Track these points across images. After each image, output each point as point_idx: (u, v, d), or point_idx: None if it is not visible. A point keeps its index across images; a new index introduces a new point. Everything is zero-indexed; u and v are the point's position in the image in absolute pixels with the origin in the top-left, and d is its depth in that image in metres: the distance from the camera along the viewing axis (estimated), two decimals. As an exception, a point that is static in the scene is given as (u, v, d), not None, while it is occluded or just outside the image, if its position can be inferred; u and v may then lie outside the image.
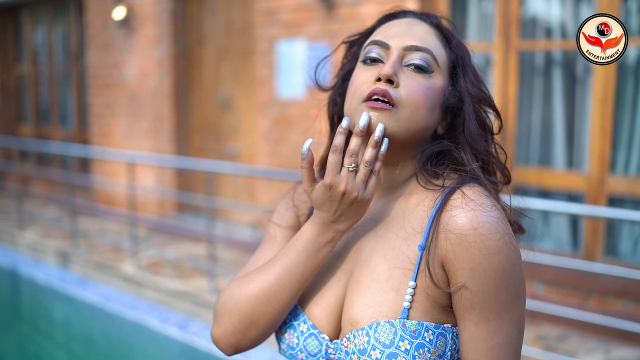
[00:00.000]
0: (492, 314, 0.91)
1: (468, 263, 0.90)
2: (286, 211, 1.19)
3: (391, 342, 0.92)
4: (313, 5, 5.17)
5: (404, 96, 0.97)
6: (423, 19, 1.06)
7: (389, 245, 0.99)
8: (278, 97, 5.51)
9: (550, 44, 4.40)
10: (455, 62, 1.04)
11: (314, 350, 1.02)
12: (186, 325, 4.38)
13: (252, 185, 6.12)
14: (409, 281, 0.95)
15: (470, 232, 0.90)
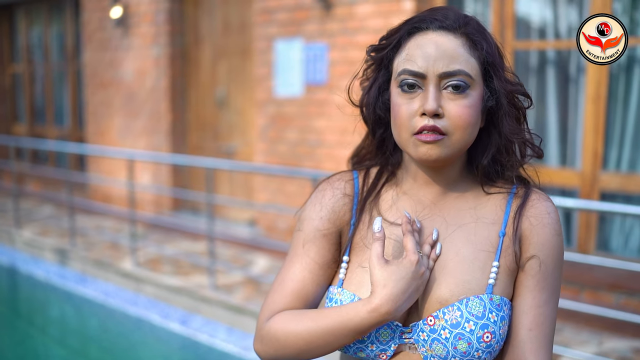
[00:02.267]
0: (546, 286, 1.08)
1: (541, 238, 1.08)
2: (320, 220, 1.17)
3: (482, 314, 1.03)
4: (310, 4, 5.24)
5: (452, 124, 1.03)
6: (449, 29, 1.06)
7: (469, 232, 1.10)
8: (275, 96, 5.58)
9: (544, 44, 4.50)
10: (486, 64, 1.07)
11: (385, 339, 1.06)
12: (187, 321, 4.44)
13: (249, 183, 6.19)
14: (493, 262, 1.07)
15: (546, 216, 1.09)
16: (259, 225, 5.91)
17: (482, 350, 1.02)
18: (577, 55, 4.37)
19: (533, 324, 1.06)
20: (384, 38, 1.12)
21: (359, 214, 1.16)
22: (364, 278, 1.09)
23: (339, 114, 5.17)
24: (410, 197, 1.14)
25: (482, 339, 1.02)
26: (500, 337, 1.04)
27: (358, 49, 4.99)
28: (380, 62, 1.13)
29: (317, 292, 1.15)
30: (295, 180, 5.51)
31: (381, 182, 1.18)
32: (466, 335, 1.02)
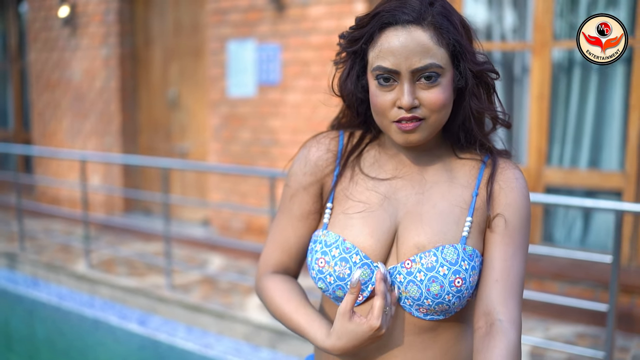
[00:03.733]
0: (512, 242, 1.17)
1: (508, 199, 1.19)
2: (303, 175, 1.29)
3: (455, 261, 1.14)
4: (263, 5, 5.30)
5: (427, 110, 1.13)
6: (417, 22, 1.11)
7: (444, 190, 1.21)
8: (229, 96, 5.62)
9: (490, 45, 4.69)
10: (454, 49, 1.14)
11: (364, 279, 1.17)
12: (145, 321, 4.44)
13: (202, 183, 6.20)
14: (466, 217, 1.19)
15: (513, 180, 1.20)
16: (213, 225, 5.94)
17: (452, 294, 1.13)
18: (521, 56, 4.57)
19: (500, 276, 1.14)
20: (356, 28, 1.19)
21: (342, 168, 1.27)
22: (346, 222, 1.21)
23: (292, 114, 5.25)
24: (391, 157, 1.26)
25: (453, 283, 1.13)
26: (470, 284, 1.14)
27: (311, 50, 5.08)
28: (355, 53, 1.20)
29: (299, 243, 1.31)
30: (250, 180, 5.56)
31: (365, 142, 1.29)
32: (439, 279, 1.13)
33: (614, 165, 4.29)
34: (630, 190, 4.14)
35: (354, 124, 1.31)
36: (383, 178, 1.24)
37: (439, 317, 1.17)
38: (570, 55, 4.42)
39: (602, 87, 4.31)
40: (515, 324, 1.11)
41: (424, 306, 1.15)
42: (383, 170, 1.25)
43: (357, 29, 1.18)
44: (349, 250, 1.18)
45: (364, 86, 1.23)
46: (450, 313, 1.17)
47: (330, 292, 1.21)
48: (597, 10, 4.29)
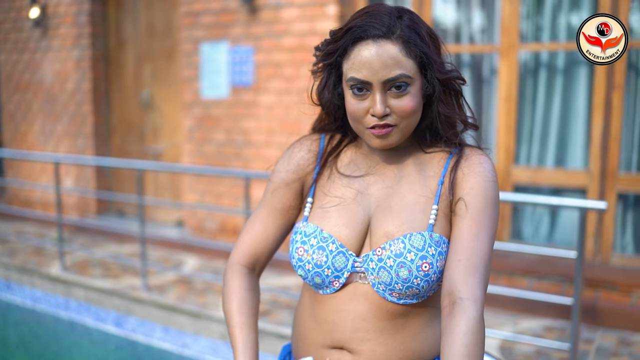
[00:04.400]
0: (474, 223, 1.22)
1: (470, 183, 1.25)
2: (286, 173, 1.42)
3: (422, 247, 1.22)
4: (236, 8, 5.34)
5: (398, 117, 1.24)
6: (386, 36, 1.20)
7: (413, 182, 1.30)
8: (202, 98, 5.65)
9: (459, 47, 4.80)
10: (421, 60, 1.23)
11: (340, 266, 1.27)
12: (122, 322, 4.46)
13: (176, 185, 6.23)
14: (432, 205, 1.27)
15: (477, 165, 1.27)
16: (187, 226, 5.96)
17: (420, 278, 1.22)
18: (489, 58, 4.70)
19: (462, 255, 1.19)
20: (330, 42, 1.28)
21: (321, 167, 1.39)
22: (324, 215, 1.32)
23: (266, 115, 5.31)
24: (365, 156, 1.37)
25: (420, 268, 1.21)
26: (437, 268, 1.23)
27: (283, 52, 5.14)
28: (331, 64, 1.31)
29: (276, 233, 1.43)
30: (224, 180, 5.60)
31: (343, 144, 1.41)
32: (407, 264, 1.22)
33: (578, 164, 4.44)
34: (594, 187, 4.28)
35: (332, 128, 1.42)
36: (357, 175, 1.35)
37: (412, 301, 1.26)
38: (536, 58, 4.55)
39: (567, 89, 4.45)
40: (476, 301, 1.15)
41: (395, 290, 1.24)
42: (357, 168, 1.36)
43: (332, 43, 1.27)
44: (325, 240, 1.28)
45: (340, 94, 1.33)
46: (423, 297, 1.26)
47: (309, 279, 1.31)
48: (562, 12, 4.43)
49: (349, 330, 1.28)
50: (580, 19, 4.38)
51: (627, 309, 3.98)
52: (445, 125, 1.31)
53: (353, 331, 1.27)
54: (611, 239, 4.29)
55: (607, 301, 4.07)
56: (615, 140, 4.20)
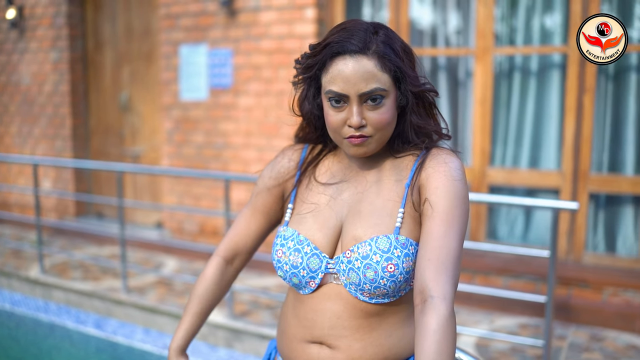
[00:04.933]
0: (442, 222, 1.25)
1: (435, 183, 1.29)
2: (269, 179, 1.52)
3: (388, 249, 1.28)
4: (215, 11, 5.37)
5: (373, 128, 1.31)
6: (362, 52, 1.27)
7: (381, 188, 1.37)
8: (181, 100, 5.67)
9: (435, 50, 4.88)
10: (395, 73, 1.30)
11: (314, 267, 1.36)
12: (102, 324, 4.47)
13: (155, 187, 6.24)
14: (399, 209, 1.32)
15: (442, 165, 1.31)
16: (166, 228, 5.98)
17: (386, 279, 1.28)
18: (465, 61, 4.79)
19: (431, 254, 1.21)
20: (309, 56, 1.35)
21: (301, 176, 1.48)
22: (301, 220, 1.41)
23: (245, 117, 5.34)
24: (342, 164, 1.45)
25: (386, 269, 1.27)
26: (403, 269, 1.28)
27: (262, 55, 5.19)
28: (310, 78, 1.38)
29: (257, 230, 1.55)
30: (203, 182, 5.63)
31: (322, 155, 1.49)
32: (373, 265, 1.28)
33: (551, 165, 4.55)
34: (567, 188, 4.39)
35: (313, 137, 1.49)
36: (332, 182, 1.43)
37: (384, 300, 1.32)
38: (511, 61, 4.65)
39: (540, 92, 4.56)
40: (446, 299, 1.17)
41: (365, 290, 1.30)
42: (333, 176, 1.44)
43: (311, 57, 1.34)
44: (301, 242, 1.37)
45: (319, 105, 1.40)
46: (394, 296, 1.32)
47: (288, 279, 1.39)
48: (535, 16, 4.53)
49: (327, 327, 1.35)
50: (552, 23, 4.49)
51: (599, 305, 4.09)
52: (417, 134, 1.38)
53: (330, 328, 1.35)
54: (583, 238, 4.41)
55: (579, 298, 4.17)
56: (587, 141, 4.32)
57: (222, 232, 5.55)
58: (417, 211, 1.32)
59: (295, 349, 1.40)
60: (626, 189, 4.30)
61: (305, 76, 1.37)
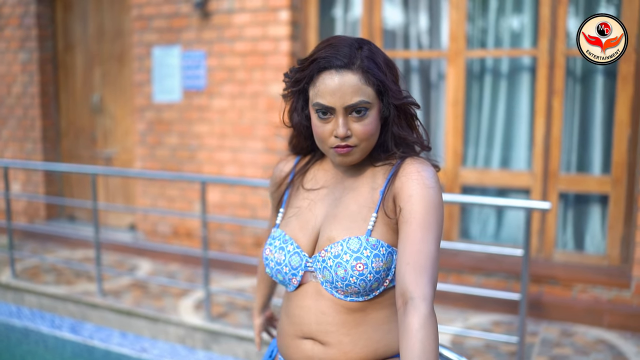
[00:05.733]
0: (419, 227, 1.30)
1: (409, 191, 1.34)
2: (270, 187, 1.70)
3: (357, 249, 1.36)
4: (188, 12, 5.37)
5: (358, 139, 1.39)
6: (347, 67, 1.35)
7: (358, 194, 1.45)
8: (154, 101, 5.65)
9: (408, 53, 4.95)
10: (379, 87, 1.38)
11: (295, 264, 1.46)
12: (78, 329, 4.44)
13: (128, 189, 6.20)
14: (372, 213, 1.40)
15: (415, 174, 1.37)
16: (140, 230, 5.95)
17: (355, 277, 1.35)
18: (437, 63, 4.87)
19: (410, 259, 1.27)
20: (298, 71, 1.44)
21: (291, 183, 1.60)
22: (287, 222, 1.53)
23: (219, 119, 5.35)
24: (326, 171, 1.55)
25: (355, 267, 1.35)
26: (373, 269, 1.35)
27: (236, 56, 5.20)
28: (299, 91, 1.47)
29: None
30: (177, 184, 5.62)
31: (310, 163, 1.60)
32: (343, 264, 1.36)
33: (522, 166, 4.65)
34: (538, 188, 4.50)
35: (304, 146, 1.59)
36: (315, 188, 1.54)
37: (358, 299, 1.39)
38: (482, 64, 4.75)
39: (511, 94, 4.66)
40: (426, 299, 1.23)
41: (338, 288, 1.39)
42: (316, 182, 1.55)
43: (299, 72, 1.43)
44: (286, 241, 1.48)
45: (307, 116, 1.50)
46: (368, 295, 1.38)
47: (274, 275, 1.50)
48: (506, 20, 4.63)
49: (314, 323, 1.43)
50: (522, 26, 4.59)
51: (569, 302, 4.20)
52: (398, 145, 1.46)
53: (317, 324, 1.43)
54: (553, 236, 4.52)
55: (550, 295, 4.28)
56: (556, 142, 4.43)
57: (196, 234, 5.55)
58: (390, 218, 1.38)
59: (290, 345, 1.49)
60: (594, 189, 4.43)
61: (294, 90, 1.46)
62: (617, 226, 4.33)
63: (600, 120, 4.42)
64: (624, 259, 4.34)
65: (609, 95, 4.37)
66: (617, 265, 4.36)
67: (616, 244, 4.35)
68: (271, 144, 5.13)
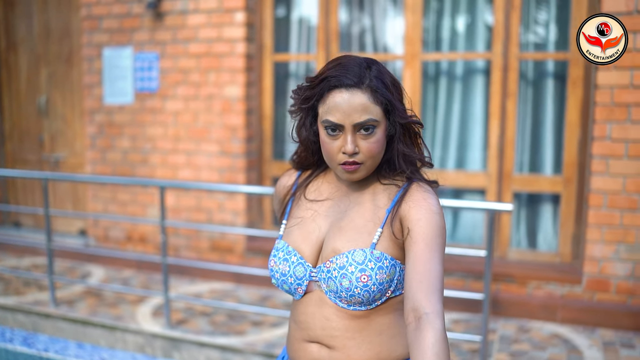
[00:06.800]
0: (427, 248, 1.37)
1: (417, 215, 1.42)
2: (275, 202, 1.76)
3: (362, 261, 1.41)
4: (141, 13, 5.25)
5: (365, 156, 1.44)
6: (357, 86, 1.40)
7: (365, 209, 1.50)
8: (105, 104, 5.51)
9: (363, 55, 4.98)
10: (386, 105, 1.44)
11: (300, 275, 1.50)
12: (31, 341, 4.29)
13: (77, 194, 6.03)
14: (378, 228, 1.45)
15: (422, 201, 1.44)
16: (91, 236, 5.79)
17: (360, 288, 1.40)
18: (393, 66, 4.92)
19: (422, 277, 1.33)
20: (307, 88, 1.48)
21: (294, 195, 1.64)
22: (290, 232, 1.56)
23: (172, 122, 5.26)
24: (330, 184, 1.60)
25: (359, 279, 1.40)
26: (377, 280, 1.40)
27: (190, 58, 5.12)
28: (308, 108, 1.51)
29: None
30: (129, 188, 5.50)
31: (313, 176, 1.64)
32: (348, 275, 1.41)
33: (477, 166, 4.75)
34: (493, 188, 4.61)
35: (310, 162, 1.64)
36: (319, 199, 1.57)
37: (360, 308, 1.44)
38: (438, 66, 4.82)
39: (466, 96, 4.76)
40: (439, 315, 1.29)
41: (342, 298, 1.43)
42: (320, 194, 1.59)
43: (309, 89, 1.48)
44: (289, 253, 1.52)
45: (315, 131, 1.54)
46: (370, 305, 1.43)
47: (280, 286, 1.54)
48: (460, 24, 4.72)
49: (319, 328, 1.48)
50: (477, 30, 4.69)
51: (524, 298, 4.32)
52: (403, 161, 1.50)
53: (322, 329, 1.48)
54: (508, 235, 4.64)
55: (506, 293, 4.39)
56: (510, 143, 4.54)
57: (151, 239, 5.44)
58: (397, 237, 1.44)
59: (298, 349, 1.54)
60: (546, 188, 4.56)
61: (304, 107, 1.50)
62: (569, 224, 4.48)
63: (552, 122, 4.56)
64: (575, 255, 4.49)
65: (560, 98, 4.51)
66: (569, 262, 4.51)
67: (567, 241, 4.50)
68: (227, 146, 5.08)
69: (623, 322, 4.09)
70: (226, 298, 4.73)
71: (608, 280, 4.14)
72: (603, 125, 4.02)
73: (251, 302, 4.65)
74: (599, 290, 4.17)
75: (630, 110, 3.96)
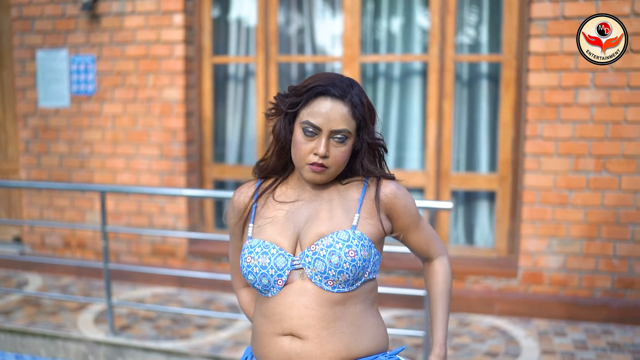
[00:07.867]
0: (416, 222, 1.73)
1: (400, 204, 1.68)
2: (232, 214, 1.80)
3: (347, 239, 1.57)
4: (75, 14, 5.14)
5: (332, 162, 1.60)
6: (341, 98, 1.58)
7: (337, 203, 1.65)
8: (39, 107, 5.37)
9: (303, 57, 5.04)
10: (360, 122, 1.61)
11: (281, 265, 1.59)
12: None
13: (11, 199, 5.85)
14: (355, 214, 1.63)
15: (396, 190, 1.67)
16: (26, 243, 5.64)
17: (348, 263, 1.55)
18: (332, 67, 4.99)
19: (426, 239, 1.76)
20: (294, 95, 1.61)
21: (257, 201, 1.74)
22: (261, 230, 1.66)
23: (111, 125, 5.18)
24: (294, 189, 1.71)
25: (348, 254, 1.55)
26: (361, 256, 1.57)
27: (128, 61, 5.05)
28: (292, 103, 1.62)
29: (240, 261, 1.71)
30: (66, 194, 5.38)
31: (277, 183, 1.75)
32: (337, 252, 1.55)
33: (416, 166, 4.87)
34: (431, 187, 4.74)
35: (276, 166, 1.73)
36: (288, 201, 1.70)
37: (344, 290, 1.57)
38: (375, 68, 4.92)
39: (404, 97, 4.87)
40: (444, 252, 1.81)
41: (330, 278, 1.55)
42: (288, 197, 1.71)
43: (296, 96, 1.61)
44: (267, 246, 1.62)
45: (291, 131, 1.66)
46: (353, 285, 1.58)
47: (258, 281, 1.61)
48: (397, 26, 4.83)
49: (296, 318, 1.57)
50: (414, 33, 4.81)
51: (463, 293, 4.46)
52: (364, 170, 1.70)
53: (299, 318, 1.57)
54: (447, 232, 4.78)
55: (446, 288, 4.52)
56: (447, 143, 4.68)
57: (91, 244, 5.34)
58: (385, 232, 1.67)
59: (268, 344, 1.61)
60: (482, 186, 4.72)
61: (290, 111, 1.63)
62: (504, 220, 4.65)
63: (487, 122, 4.72)
64: (510, 250, 4.67)
65: (494, 98, 4.68)
66: (505, 257, 4.68)
67: (503, 236, 4.67)
68: (167, 150, 5.04)
69: (556, 312, 4.28)
70: (169, 302, 4.70)
71: (542, 273, 4.33)
72: (534, 125, 4.20)
73: (195, 305, 4.63)
74: (534, 283, 4.36)
75: (560, 110, 4.15)
